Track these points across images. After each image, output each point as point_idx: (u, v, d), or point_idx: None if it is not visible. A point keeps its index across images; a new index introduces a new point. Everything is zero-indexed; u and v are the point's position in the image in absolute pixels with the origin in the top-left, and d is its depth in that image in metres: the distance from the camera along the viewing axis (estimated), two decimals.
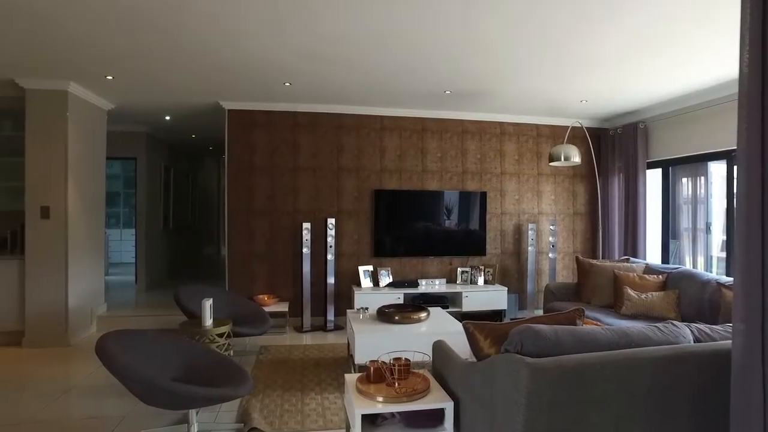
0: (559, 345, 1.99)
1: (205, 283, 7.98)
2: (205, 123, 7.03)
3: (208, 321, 3.80)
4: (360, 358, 3.80)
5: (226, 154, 5.93)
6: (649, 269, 4.83)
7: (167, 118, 6.78)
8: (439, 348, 2.80)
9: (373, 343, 3.81)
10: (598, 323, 3.66)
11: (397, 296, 5.70)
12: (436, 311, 4.61)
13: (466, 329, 2.30)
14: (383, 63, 4.33)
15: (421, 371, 2.71)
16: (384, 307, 4.38)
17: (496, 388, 2.01)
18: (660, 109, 5.71)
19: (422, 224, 6.22)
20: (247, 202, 5.94)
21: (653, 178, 6.06)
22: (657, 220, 6.00)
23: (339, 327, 5.76)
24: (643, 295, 4.31)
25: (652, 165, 6.04)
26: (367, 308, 4.57)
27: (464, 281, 6.17)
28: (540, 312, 6.16)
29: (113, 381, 2.61)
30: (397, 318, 4.10)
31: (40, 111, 5.01)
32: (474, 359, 2.33)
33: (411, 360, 2.66)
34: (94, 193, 5.71)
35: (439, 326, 4.10)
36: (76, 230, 5.25)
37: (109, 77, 4.77)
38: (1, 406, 3.49)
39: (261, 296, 5.66)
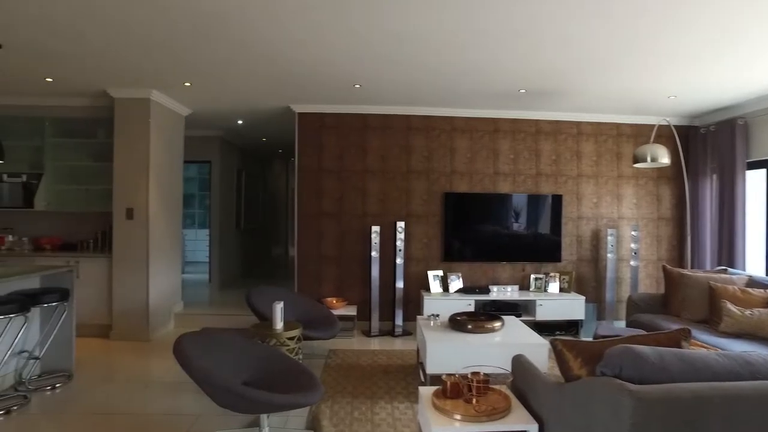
0: (664, 371, 1.77)
1: (274, 283, 8.17)
2: (276, 126, 7.17)
3: (279, 324, 3.81)
4: (431, 368, 3.67)
5: (295, 156, 5.99)
6: (754, 282, 4.35)
7: (240, 122, 6.97)
8: (519, 363, 2.61)
9: (445, 352, 3.67)
10: (708, 347, 3.31)
11: (467, 303, 5.51)
12: (510, 320, 4.39)
13: (554, 346, 2.11)
14: (452, 62, 4.18)
15: (500, 387, 2.54)
16: (456, 314, 4.22)
17: (592, 416, 1.81)
18: (764, 103, 5.15)
19: (494, 228, 5.99)
20: (315, 204, 5.97)
21: (754, 180, 5.49)
22: (759, 226, 5.42)
23: (407, 332, 5.66)
24: (748, 312, 3.88)
25: (753, 165, 5.46)
26: (438, 315, 4.43)
27: (538, 288, 5.88)
28: (621, 324, 5.76)
29: (189, 378, 2.64)
30: (470, 327, 3.94)
31: (126, 118, 5.28)
32: (561, 378, 2.15)
33: (489, 375, 2.51)
34: (172, 195, 5.96)
35: (515, 337, 3.89)
36: (156, 231, 5.48)
37: (187, 84, 4.93)
38: (93, 397, 3.67)
39: (329, 299, 5.66)
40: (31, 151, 5.68)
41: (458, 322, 4.03)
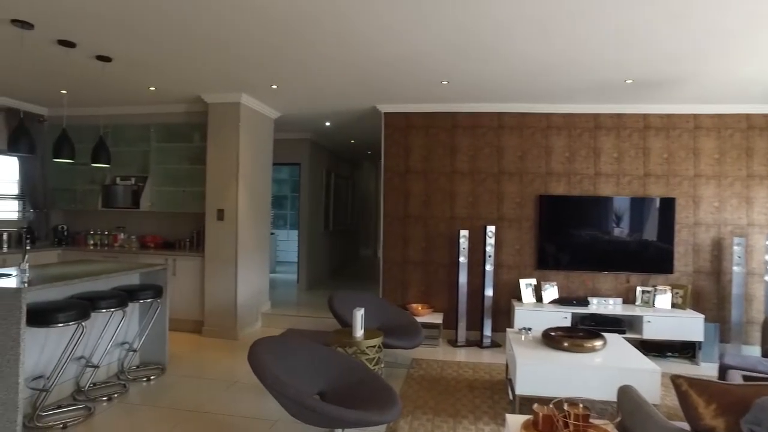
0: None
1: (361, 286, 8.14)
2: (363, 128, 7.11)
3: (359, 332, 3.67)
4: (521, 388, 3.33)
5: (382, 157, 5.86)
6: None
7: (327, 124, 6.99)
8: (628, 397, 2.23)
9: (536, 372, 3.32)
10: None
11: (563, 315, 5.04)
12: (613, 339, 3.91)
13: (677, 385, 1.73)
14: (542, 54, 3.79)
15: (603, 425, 2.18)
16: (550, 329, 3.83)
17: None
18: None
19: (594, 234, 5.44)
20: (402, 207, 5.80)
21: None
22: None
23: (496, 344, 5.30)
24: None
25: None
26: (530, 329, 4.06)
27: (645, 303, 5.24)
28: (753, 351, 4.97)
29: None
30: (566, 344, 3.53)
31: (218, 122, 5.46)
32: (682, 419, 1.76)
33: (589, 407, 2.15)
34: (261, 197, 6.09)
35: (619, 359, 3.43)
36: (245, 231, 5.61)
37: (274, 86, 4.98)
38: (181, 392, 3.77)
39: (414, 305, 5.46)
40: (139, 156, 6.09)
41: (553, 339, 3.64)
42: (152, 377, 4.09)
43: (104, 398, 3.62)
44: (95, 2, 3.11)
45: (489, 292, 5.31)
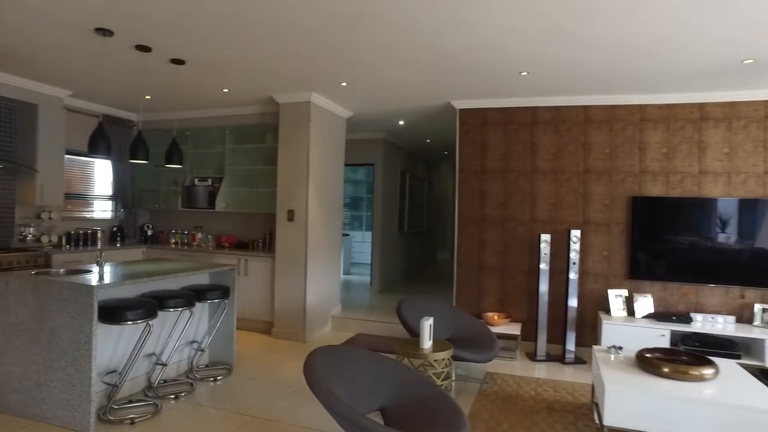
0: None
1: (435, 290, 7.86)
2: (438, 126, 6.83)
3: (427, 344, 3.41)
4: (610, 418, 2.90)
5: (456, 156, 5.56)
6: None
7: (401, 122, 6.79)
8: None
9: (629, 401, 2.87)
10: None
11: (660, 333, 4.45)
12: (727, 366, 3.33)
13: None
14: (635, 36, 3.31)
15: None
16: (645, 350, 3.34)
17: None
18: None
19: (697, 241, 4.77)
20: (477, 208, 5.45)
21: None
22: None
23: (580, 360, 4.81)
24: None
25: None
26: (620, 348, 3.58)
27: (765, 323, 4.50)
28: None
29: None
30: (666, 370, 3.04)
31: (289, 122, 5.44)
32: None
33: None
34: (332, 198, 5.99)
35: (737, 393, 2.87)
36: (315, 233, 5.54)
37: (344, 83, 4.84)
38: (246, 395, 3.72)
39: (490, 314, 5.10)
40: (215, 158, 6.24)
41: (650, 362, 3.16)
42: (219, 377, 4.08)
43: (172, 396, 3.65)
44: (169, 8, 3.14)
45: (573, 302, 4.83)
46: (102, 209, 6.51)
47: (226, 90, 5.20)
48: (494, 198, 5.40)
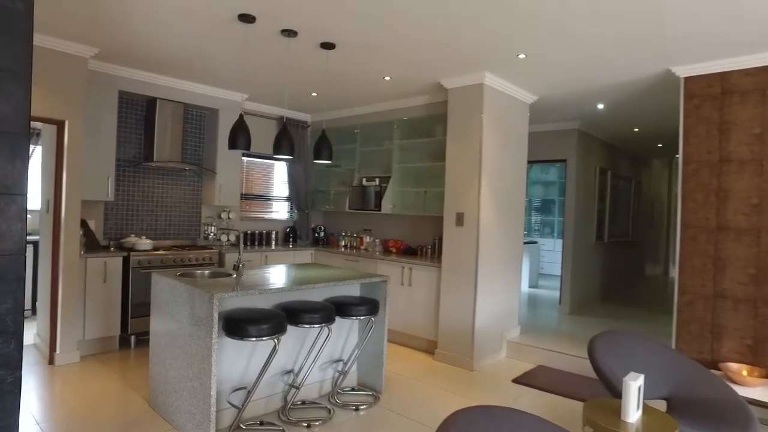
0: None
1: (643, 318, 6.22)
2: (651, 108, 5.33)
3: (634, 415, 2.26)
4: None
5: (680, 144, 4.10)
6: None
7: (600, 106, 5.45)
8: None
9: None
10: None
11: None
12: None
13: None
14: None
15: None
16: None
17: None
18: None
19: None
20: (713, 213, 3.92)
21: None
22: None
23: None
24: None
25: None
26: None
27: None
28: None
29: None
30: None
31: (459, 110, 4.66)
32: None
33: None
34: (511, 199, 5.01)
35: None
36: (489, 241, 4.64)
37: (521, 56, 3.87)
38: None
39: (733, 366, 3.55)
40: (383, 155, 5.80)
41: None
42: (362, 406, 3.49)
43: (304, 424, 3.16)
44: None
45: None
46: (279, 210, 6.61)
47: (387, 78, 4.67)
48: (740, 199, 3.80)
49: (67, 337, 4.14)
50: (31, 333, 4.77)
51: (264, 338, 2.80)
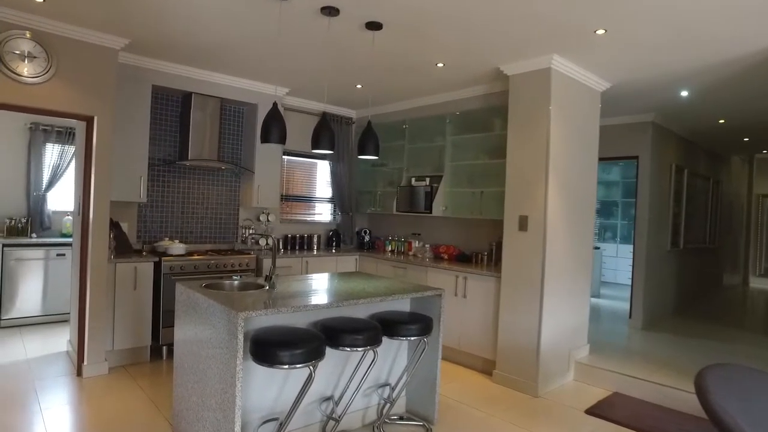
0: None
1: (735, 337, 5.40)
2: (745, 96, 4.58)
3: None
4: None
5: None
6: None
7: (684, 93, 4.74)
8: None
9: None
10: None
11: None
12: None
13: None
14: None
15: None
16: None
17: None
18: None
19: None
20: None
21: None
22: None
23: None
24: None
25: None
26: None
27: None
28: None
29: None
30: None
31: (521, 99, 4.10)
32: None
33: None
34: (582, 201, 4.40)
35: None
36: (557, 248, 4.05)
37: (600, 31, 3.27)
38: None
39: None
40: (434, 153, 5.30)
41: None
42: None
43: None
44: None
45: None
46: (321, 212, 6.23)
47: (440, 64, 4.17)
48: None
49: (95, 347, 3.86)
50: (65, 339, 4.57)
51: (298, 366, 2.35)
